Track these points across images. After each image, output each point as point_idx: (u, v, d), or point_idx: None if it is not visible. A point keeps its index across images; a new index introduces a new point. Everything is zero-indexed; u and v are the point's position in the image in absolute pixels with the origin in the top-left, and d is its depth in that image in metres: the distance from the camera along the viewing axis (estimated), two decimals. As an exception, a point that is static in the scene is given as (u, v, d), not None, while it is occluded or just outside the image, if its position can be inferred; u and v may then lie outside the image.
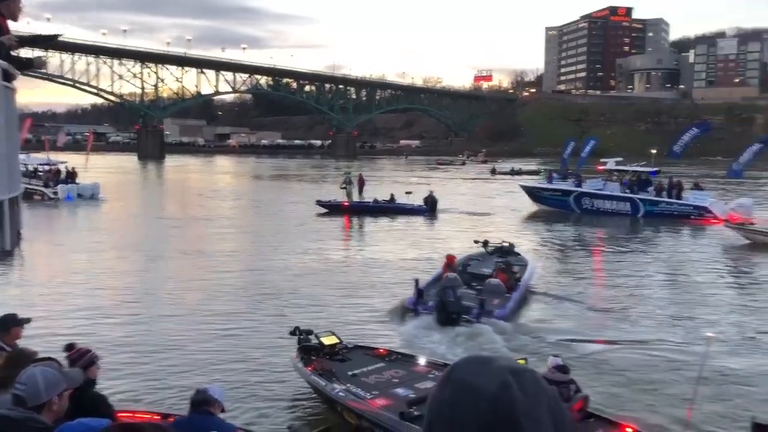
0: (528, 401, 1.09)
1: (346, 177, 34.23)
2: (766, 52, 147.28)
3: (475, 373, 1.11)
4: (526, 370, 1.14)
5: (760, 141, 32.37)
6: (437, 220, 30.48)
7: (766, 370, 10.73)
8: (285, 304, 14.44)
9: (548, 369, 7.58)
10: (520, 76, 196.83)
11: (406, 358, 9.46)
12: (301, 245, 22.36)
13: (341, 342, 9.56)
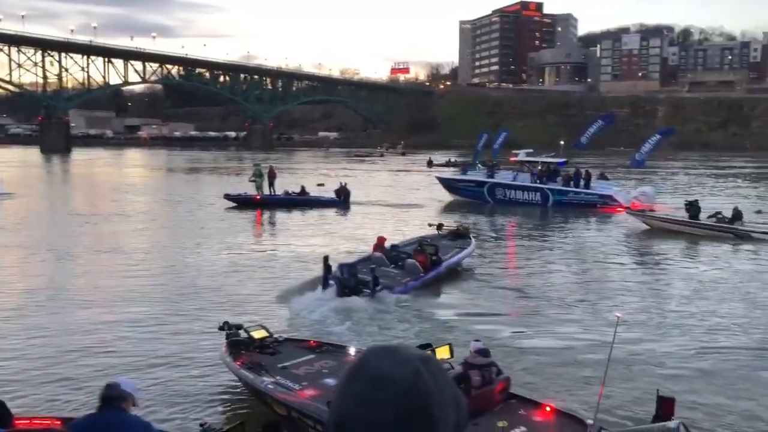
0: (437, 387, 1.11)
1: (256, 169, 33.36)
2: (666, 47, 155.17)
3: (388, 363, 1.11)
4: (431, 357, 1.16)
5: (660, 132, 34.09)
6: (350, 211, 30.43)
7: (671, 348, 11.35)
8: (205, 301, 14.11)
9: (470, 353, 7.73)
10: (436, 69, 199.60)
11: (336, 348, 9.53)
12: (217, 241, 21.94)
13: (271, 335, 9.58)
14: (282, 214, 29.42)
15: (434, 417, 1.09)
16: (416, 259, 15.59)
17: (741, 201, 29.90)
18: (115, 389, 4.81)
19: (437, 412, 1.10)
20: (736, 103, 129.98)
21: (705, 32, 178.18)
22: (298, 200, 31.33)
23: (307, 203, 31.08)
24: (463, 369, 7.63)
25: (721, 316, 13.37)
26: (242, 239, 23.08)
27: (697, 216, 24.23)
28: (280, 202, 31.10)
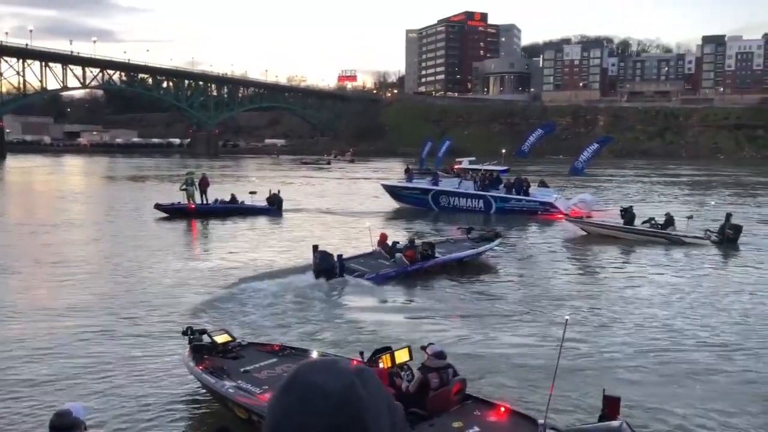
0: (371, 399, 1.11)
1: (188, 178, 31.97)
2: (606, 58, 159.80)
3: (323, 376, 1.12)
4: (366, 369, 1.17)
5: (598, 141, 35.08)
6: (284, 219, 30.10)
7: (617, 349, 11.77)
8: (150, 311, 13.90)
9: (427, 356, 7.93)
10: (384, 77, 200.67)
11: (299, 352, 9.63)
12: (156, 253, 21.37)
13: (234, 339, 9.70)
14: (216, 223, 28.72)
15: (368, 429, 1.09)
16: (404, 254, 17.73)
17: (674, 207, 31.01)
18: (66, 417, 4.60)
19: (371, 424, 1.10)
20: (673, 112, 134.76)
21: (643, 44, 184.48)
22: (231, 208, 30.62)
23: (241, 211, 30.42)
24: (422, 373, 7.82)
25: (662, 318, 13.87)
26: (179, 250, 22.66)
27: (632, 222, 24.99)
28: (214, 211, 30.30)
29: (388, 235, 19.16)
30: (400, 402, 7.34)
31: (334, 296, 15.44)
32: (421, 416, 7.55)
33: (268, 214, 30.51)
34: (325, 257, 16.50)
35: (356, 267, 17.12)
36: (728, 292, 16.44)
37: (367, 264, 17.48)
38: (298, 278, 16.27)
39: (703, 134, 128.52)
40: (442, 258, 18.57)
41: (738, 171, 76.23)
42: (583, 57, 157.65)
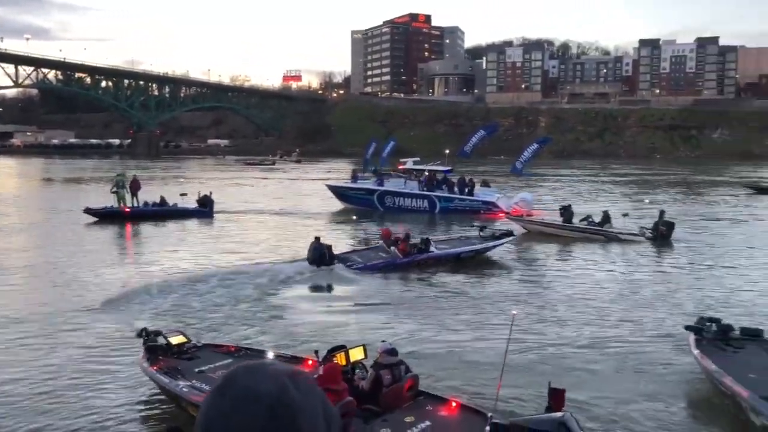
0: (305, 402, 1.12)
1: (118, 180, 30.73)
2: (547, 60, 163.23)
3: (254, 380, 1.12)
4: (301, 372, 1.17)
5: (537, 142, 35.79)
6: (215, 220, 29.68)
7: (562, 342, 12.13)
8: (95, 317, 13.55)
9: (379, 353, 8.14)
10: (329, 78, 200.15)
11: (254, 352, 9.77)
12: (94, 258, 20.77)
13: (190, 341, 9.83)
14: (149, 226, 27.95)
15: (300, 429, 1.10)
16: (398, 247, 18.88)
17: (611, 205, 31.93)
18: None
19: (305, 427, 1.10)
20: (611, 113, 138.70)
21: (582, 47, 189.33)
22: (161, 211, 29.80)
23: (171, 214, 29.67)
24: (375, 371, 8.00)
25: (602, 313, 14.32)
26: (117, 254, 22.12)
27: (570, 220, 25.64)
28: (147, 214, 29.36)
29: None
30: (353, 398, 7.59)
31: (292, 295, 15.68)
32: (375, 412, 7.71)
33: (199, 216, 29.92)
34: (318, 247, 17.94)
35: (351, 258, 18.75)
36: (663, 286, 17.03)
37: (366, 256, 19.01)
38: (248, 278, 16.82)
39: (640, 134, 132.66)
40: (436, 253, 19.44)
41: (673, 170, 79.02)
42: (524, 59, 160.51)
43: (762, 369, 9.40)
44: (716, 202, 41.09)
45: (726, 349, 10.29)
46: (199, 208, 30.58)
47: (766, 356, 10.02)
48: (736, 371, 9.23)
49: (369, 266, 18.31)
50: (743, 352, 10.32)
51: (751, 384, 8.77)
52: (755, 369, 9.41)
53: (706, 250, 22.55)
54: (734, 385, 8.86)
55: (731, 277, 18.33)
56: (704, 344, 10.42)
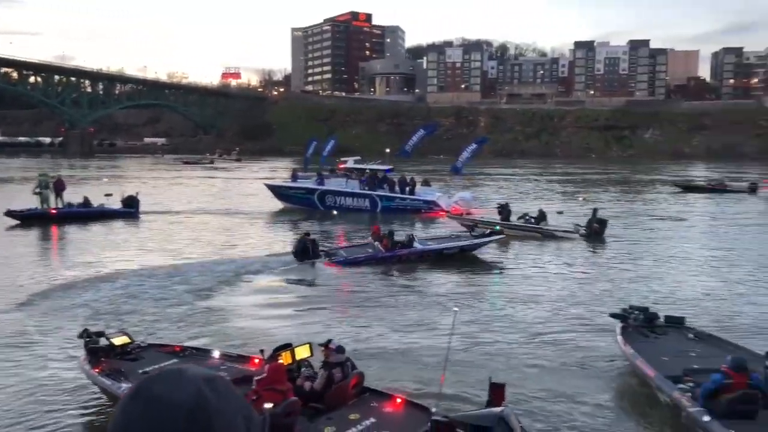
0: (222, 405, 1.09)
1: (41, 180, 29.53)
2: (486, 61, 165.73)
3: (168, 387, 1.09)
4: (217, 376, 1.14)
5: (476, 142, 36.33)
6: (142, 221, 28.99)
7: (502, 338, 12.38)
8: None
9: (328, 352, 8.23)
10: (269, 75, 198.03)
11: (200, 352, 9.77)
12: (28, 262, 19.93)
13: (134, 341, 9.69)
14: (75, 228, 26.81)
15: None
16: (381, 243, 19.86)
17: (547, 203, 32.68)
18: None
19: (220, 427, 1.08)
20: (548, 114, 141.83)
21: (520, 48, 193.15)
22: (89, 212, 28.71)
23: (96, 215, 28.59)
24: (327, 370, 8.10)
25: (540, 308, 14.68)
26: (50, 257, 21.30)
27: (508, 218, 26.11)
28: (72, 215, 28.13)
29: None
30: (298, 397, 7.57)
31: (240, 294, 15.85)
32: (320, 411, 7.74)
33: (125, 217, 29.07)
34: (302, 241, 19.08)
35: (337, 252, 19.81)
36: (598, 281, 17.58)
37: (353, 252, 19.94)
38: (191, 276, 17.03)
39: (576, 135, 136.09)
40: (419, 248, 20.16)
41: (607, 169, 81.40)
42: (464, 60, 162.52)
43: (676, 352, 9.99)
44: (647, 200, 42.67)
45: (648, 336, 10.87)
46: (124, 208, 29.64)
47: (684, 341, 10.63)
48: (650, 355, 9.81)
49: (351, 260, 19.25)
50: (664, 338, 10.91)
51: (661, 366, 9.34)
52: (669, 353, 10.00)
53: (636, 246, 23.39)
54: (644, 366, 9.42)
55: (660, 271, 19.09)
56: (629, 331, 10.97)
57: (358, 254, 19.75)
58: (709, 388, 7.96)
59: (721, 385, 7.87)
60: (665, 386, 8.81)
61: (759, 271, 19.15)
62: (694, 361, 9.28)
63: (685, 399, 8.32)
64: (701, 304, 15.06)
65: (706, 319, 13.51)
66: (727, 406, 7.72)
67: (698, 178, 55.39)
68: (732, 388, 7.80)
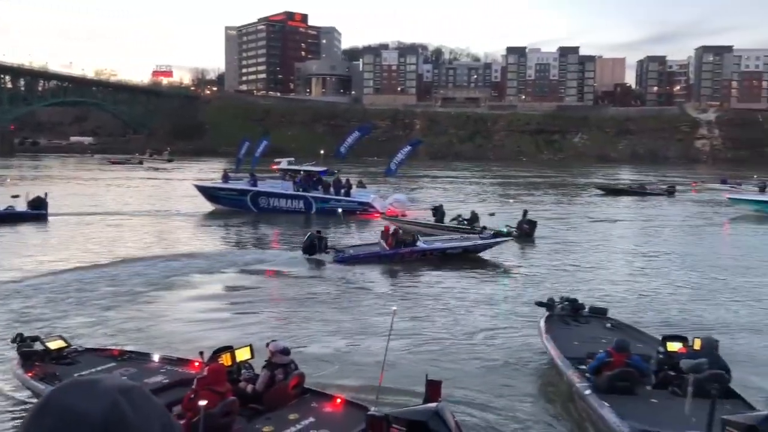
0: (139, 417, 1.05)
1: None
2: (421, 64, 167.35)
3: (80, 398, 1.03)
4: (134, 386, 1.10)
5: (410, 144, 36.51)
6: (51, 223, 27.81)
7: (440, 336, 12.64)
8: None
9: (271, 353, 8.20)
10: (202, 74, 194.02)
11: (139, 356, 9.65)
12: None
13: (70, 345, 9.56)
14: None
15: None
16: (386, 241, 20.71)
17: (479, 205, 33.18)
18: None
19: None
20: (481, 117, 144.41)
21: (455, 52, 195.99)
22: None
23: (4, 218, 27.13)
24: (269, 370, 8.11)
25: (477, 307, 14.96)
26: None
27: (442, 219, 26.42)
28: None
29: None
30: (238, 398, 7.51)
31: (180, 296, 15.75)
32: (259, 411, 7.78)
33: (32, 219, 27.60)
34: (311, 237, 20.36)
35: (345, 250, 20.77)
36: (528, 279, 18.17)
37: (360, 249, 21.04)
38: (121, 279, 16.94)
39: (508, 138, 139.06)
40: (421, 247, 20.75)
41: (539, 172, 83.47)
42: (400, 62, 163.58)
43: (588, 339, 10.55)
44: (573, 202, 44.24)
45: (570, 324, 11.44)
46: (30, 210, 28.08)
47: (601, 330, 11.17)
48: (564, 340, 10.39)
49: (353, 256, 20.24)
50: (585, 326, 11.45)
51: (569, 350, 9.97)
52: (582, 339, 10.62)
53: (563, 246, 24.08)
54: (553, 349, 9.97)
55: (586, 267, 19.96)
56: (552, 319, 11.46)
57: (362, 252, 20.69)
58: (593, 366, 8.93)
59: (603, 362, 8.79)
60: (563, 365, 9.48)
61: (678, 269, 20.24)
62: (602, 346, 9.71)
63: (576, 376, 9.08)
64: (627, 298, 15.89)
65: (630, 310, 14.31)
66: (607, 381, 8.63)
67: (624, 181, 57.61)
68: (612, 366, 8.71)
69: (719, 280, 18.64)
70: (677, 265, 20.86)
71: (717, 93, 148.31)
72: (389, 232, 21.24)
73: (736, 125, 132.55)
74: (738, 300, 16.18)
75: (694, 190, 48.53)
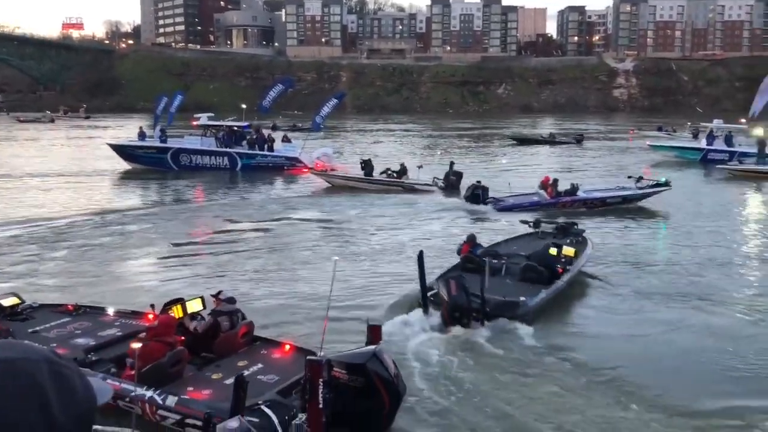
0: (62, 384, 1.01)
1: None
2: (345, 15, 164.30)
3: (17, 352, 1.03)
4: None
5: (335, 97, 35.94)
6: None
7: (377, 283, 13.15)
8: None
9: (218, 302, 8.64)
10: (116, 27, 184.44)
11: (94, 310, 9.90)
12: None
13: (23, 302, 9.69)
14: None
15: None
16: (546, 191, 21.61)
17: (408, 158, 33.21)
18: None
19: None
20: (407, 69, 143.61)
21: (379, 3, 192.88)
22: None
23: None
24: (213, 317, 8.45)
25: (411, 256, 15.08)
26: None
27: (371, 173, 26.47)
28: None
29: None
30: (188, 347, 7.74)
31: (135, 250, 16.02)
32: (210, 359, 8.10)
33: None
34: (473, 187, 21.88)
35: (505, 199, 21.73)
36: (458, 229, 18.38)
37: (520, 199, 21.72)
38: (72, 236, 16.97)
39: (434, 90, 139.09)
40: (582, 196, 21.47)
41: (464, 124, 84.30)
42: (324, 13, 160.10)
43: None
44: (492, 152, 45.53)
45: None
46: None
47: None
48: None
49: (516, 205, 21.00)
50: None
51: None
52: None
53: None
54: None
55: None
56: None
57: (523, 201, 21.26)
58: (457, 249, 13.41)
59: (459, 248, 13.31)
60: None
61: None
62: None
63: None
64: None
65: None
66: (461, 263, 12.59)
67: (545, 131, 59.01)
68: (461, 252, 13.03)
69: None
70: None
71: (634, 42, 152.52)
72: (548, 182, 21.68)
73: (651, 74, 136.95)
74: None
75: (631, 138, 50.40)
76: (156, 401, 7.07)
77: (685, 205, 22.79)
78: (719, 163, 33.10)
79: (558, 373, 9.11)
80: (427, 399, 8.15)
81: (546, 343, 10.15)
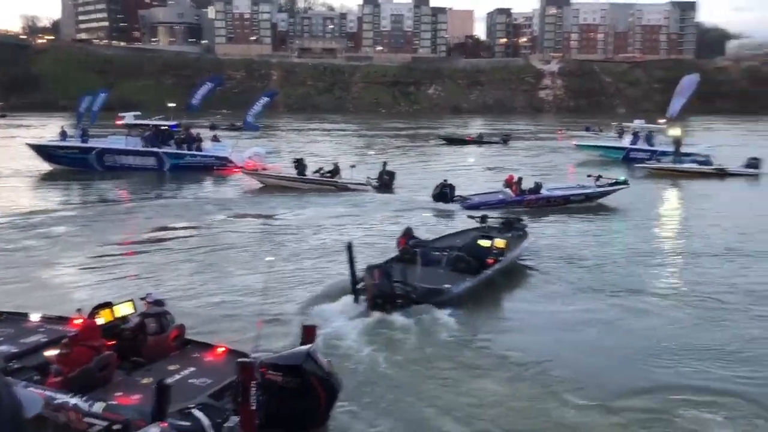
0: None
1: None
2: (275, 13, 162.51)
3: None
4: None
5: (265, 95, 35.54)
6: None
7: (311, 284, 12.85)
8: None
9: (146, 304, 8.44)
10: (33, 21, 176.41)
11: (16, 316, 9.57)
12: None
13: None
14: None
15: None
16: (512, 189, 22.25)
17: (340, 157, 33.16)
18: None
19: None
20: (339, 69, 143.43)
21: (309, 1, 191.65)
22: None
23: None
24: (140, 319, 8.29)
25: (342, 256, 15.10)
26: None
27: (304, 172, 26.31)
28: None
29: None
30: (117, 351, 7.52)
31: (63, 254, 15.40)
32: (140, 364, 7.90)
33: None
34: (440, 186, 21.92)
35: (471, 197, 21.89)
36: (395, 227, 18.32)
37: (486, 198, 22.00)
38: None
39: (366, 90, 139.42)
40: (546, 194, 22.01)
41: (396, 124, 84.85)
42: (253, 11, 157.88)
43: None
44: (423, 152, 46.43)
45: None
46: None
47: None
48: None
49: (483, 202, 21.28)
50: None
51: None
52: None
53: (419, 193, 24.60)
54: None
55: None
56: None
57: (489, 199, 21.72)
58: (396, 244, 13.75)
59: (398, 240, 13.76)
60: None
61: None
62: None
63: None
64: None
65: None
66: (400, 254, 13.16)
67: (474, 131, 60.20)
68: (399, 245, 13.55)
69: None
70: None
71: (559, 45, 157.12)
72: (513, 180, 22.31)
73: (576, 76, 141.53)
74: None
75: (560, 138, 51.84)
76: (82, 408, 6.87)
77: (624, 204, 23.63)
78: (640, 161, 34.67)
79: (483, 362, 9.28)
80: (354, 392, 8.04)
81: (473, 333, 10.34)
